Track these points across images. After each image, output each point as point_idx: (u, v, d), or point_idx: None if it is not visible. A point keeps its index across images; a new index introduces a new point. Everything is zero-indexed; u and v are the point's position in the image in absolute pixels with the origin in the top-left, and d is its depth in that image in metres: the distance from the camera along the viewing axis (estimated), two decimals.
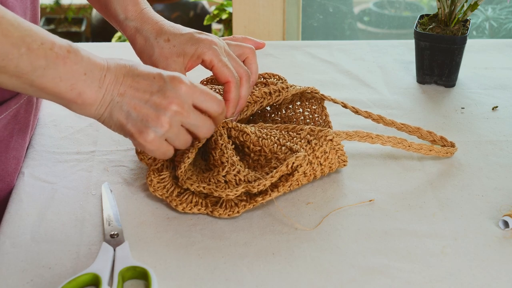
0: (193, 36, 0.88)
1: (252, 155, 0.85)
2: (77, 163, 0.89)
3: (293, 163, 0.80)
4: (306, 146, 0.83)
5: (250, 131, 0.85)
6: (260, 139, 0.85)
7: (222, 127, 0.85)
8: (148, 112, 0.74)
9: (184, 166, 0.80)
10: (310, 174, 0.83)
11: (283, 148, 0.83)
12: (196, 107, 0.77)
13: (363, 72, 1.16)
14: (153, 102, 0.74)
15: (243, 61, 0.93)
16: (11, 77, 0.69)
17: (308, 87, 0.92)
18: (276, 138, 0.85)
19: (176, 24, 0.90)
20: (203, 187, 0.79)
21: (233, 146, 0.84)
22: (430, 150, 0.90)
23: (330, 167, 0.85)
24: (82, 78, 0.72)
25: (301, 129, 0.85)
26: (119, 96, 0.74)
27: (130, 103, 0.74)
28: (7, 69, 0.68)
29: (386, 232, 0.78)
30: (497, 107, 1.05)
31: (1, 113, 0.84)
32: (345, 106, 0.92)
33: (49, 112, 1.01)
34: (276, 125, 0.88)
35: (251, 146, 0.84)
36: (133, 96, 0.74)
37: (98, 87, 0.73)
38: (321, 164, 0.84)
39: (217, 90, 0.92)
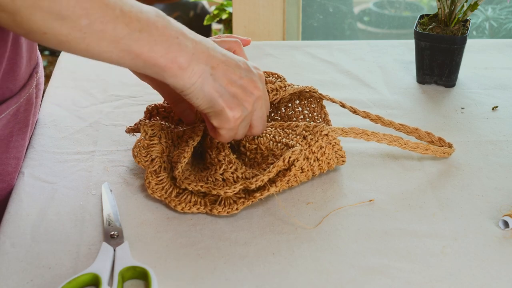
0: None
1: (248, 153, 0.85)
2: (77, 163, 0.89)
3: (290, 157, 0.80)
4: (302, 141, 0.83)
5: None
6: (256, 137, 0.85)
7: None
8: (237, 91, 0.75)
9: (181, 166, 0.80)
10: (308, 170, 0.83)
11: (279, 144, 0.84)
12: None
13: (363, 72, 1.16)
14: (242, 84, 0.75)
15: None
16: (109, 44, 0.67)
17: (307, 87, 0.92)
18: (272, 135, 0.85)
19: None
20: (201, 186, 0.79)
21: (229, 145, 0.84)
22: (427, 150, 0.90)
23: (328, 163, 0.85)
24: (176, 41, 0.71)
25: (296, 126, 0.86)
26: (211, 68, 0.74)
27: (223, 79, 0.74)
28: (105, 34, 0.67)
29: (386, 232, 0.78)
30: (497, 107, 1.05)
31: (1, 113, 0.84)
32: (343, 105, 0.92)
33: (49, 112, 1.01)
34: (271, 123, 0.88)
35: (247, 144, 0.85)
36: (225, 73, 0.75)
37: (192, 53, 0.72)
38: (318, 160, 0.84)
39: None
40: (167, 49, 0.70)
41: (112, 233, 0.76)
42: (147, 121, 0.87)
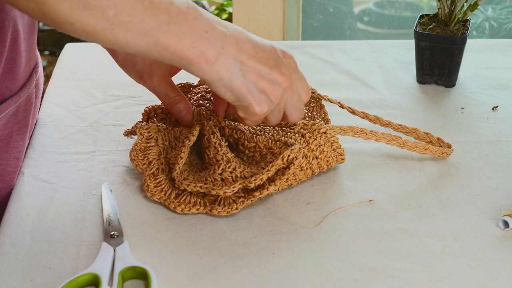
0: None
1: (246, 151, 0.85)
2: (77, 163, 0.89)
3: (289, 155, 0.80)
4: (300, 139, 0.83)
5: (244, 128, 0.85)
6: (254, 135, 0.85)
7: (215, 125, 0.85)
8: (265, 86, 0.75)
9: (179, 167, 0.80)
10: (307, 168, 0.83)
11: (278, 143, 0.84)
12: None
13: (363, 72, 1.16)
14: (270, 77, 0.75)
15: None
16: (137, 36, 0.67)
17: None
18: (270, 134, 0.85)
19: None
20: (200, 187, 0.79)
21: (227, 143, 0.84)
22: (425, 149, 0.90)
23: (327, 161, 0.85)
24: (205, 36, 0.70)
25: (295, 124, 0.86)
26: (240, 63, 0.73)
27: (252, 74, 0.74)
28: (133, 26, 0.67)
29: (386, 232, 0.78)
30: (497, 107, 1.05)
31: (0, 113, 0.84)
32: (341, 106, 0.92)
33: (49, 112, 1.01)
34: None
35: (246, 142, 0.85)
36: (254, 67, 0.74)
37: (221, 47, 0.72)
38: (317, 158, 0.84)
39: (209, 95, 0.92)
40: (195, 42, 0.70)
41: (112, 233, 0.76)
42: (143, 123, 0.87)
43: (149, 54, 0.70)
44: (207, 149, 0.83)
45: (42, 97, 1.05)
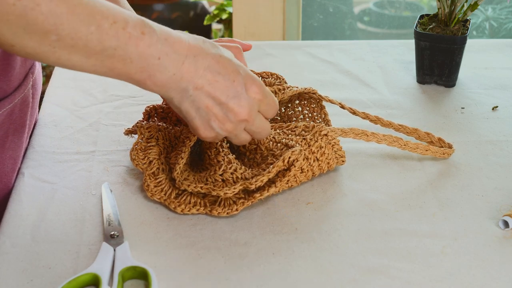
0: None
1: (247, 153, 0.85)
2: (77, 163, 0.89)
3: (290, 157, 0.80)
4: (301, 142, 0.83)
5: None
6: None
7: None
8: (218, 114, 0.73)
9: (179, 167, 0.80)
10: (307, 170, 0.83)
11: (279, 144, 0.84)
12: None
13: (363, 72, 1.16)
14: (226, 107, 0.73)
15: None
16: (82, 57, 0.66)
17: (306, 88, 0.92)
18: (271, 135, 0.85)
19: None
20: (201, 187, 0.79)
21: (228, 144, 0.84)
22: (427, 150, 0.90)
23: (328, 163, 0.85)
24: (155, 62, 0.69)
25: (296, 126, 0.86)
26: (194, 89, 0.72)
27: (204, 101, 0.72)
28: (77, 48, 0.65)
29: (386, 232, 0.78)
30: (497, 107, 1.05)
31: None
32: (342, 106, 0.92)
33: (49, 112, 1.01)
34: (271, 124, 0.88)
35: (247, 144, 0.84)
36: (209, 95, 0.72)
37: (173, 73, 0.70)
38: (317, 160, 0.84)
39: None
40: (143, 68, 0.69)
41: (112, 233, 0.76)
42: (144, 123, 0.87)
43: (96, 72, 0.69)
44: (208, 149, 0.83)
45: (42, 97, 1.05)
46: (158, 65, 0.69)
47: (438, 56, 1.09)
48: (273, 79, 0.95)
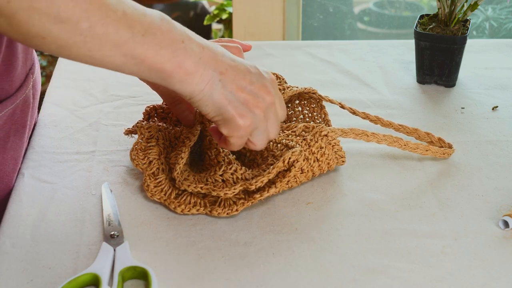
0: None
1: (248, 154, 0.85)
2: (77, 163, 0.89)
3: (290, 158, 0.80)
4: (301, 142, 0.83)
5: None
6: None
7: None
8: (247, 97, 0.72)
9: (179, 167, 0.80)
10: (308, 171, 0.83)
11: (279, 145, 0.84)
12: None
13: (363, 72, 1.16)
14: (252, 88, 0.73)
15: None
16: (112, 49, 0.65)
17: (306, 88, 0.92)
18: None
19: None
20: (201, 187, 0.79)
21: None
22: (427, 150, 0.90)
23: (328, 163, 0.85)
24: (181, 45, 0.69)
25: (296, 127, 0.86)
26: (220, 74, 0.71)
27: (232, 85, 0.72)
28: (107, 38, 0.64)
29: (386, 232, 0.78)
30: (497, 107, 1.05)
31: None
32: (342, 106, 0.92)
33: (49, 112, 1.01)
34: None
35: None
36: (235, 78, 0.72)
37: (199, 58, 0.70)
38: (318, 160, 0.84)
39: None
40: (173, 53, 0.68)
41: (112, 233, 0.76)
42: (144, 123, 0.87)
43: (126, 68, 0.68)
44: (208, 150, 0.83)
45: (42, 97, 1.05)
46: (184, 48, 0.69)
47: (438, 56, 1.09)
48: None
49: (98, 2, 0.64)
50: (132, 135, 0.91)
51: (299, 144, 0.83)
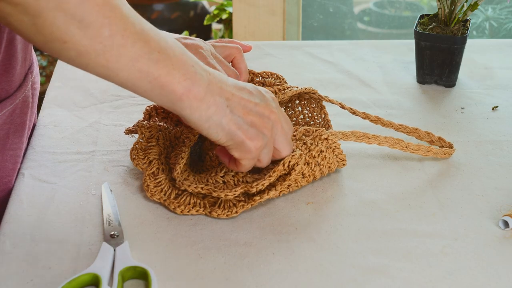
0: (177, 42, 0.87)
1: None
2: (77, 163, 0.89)
3: (290, 161, 0.80)
4: (302, 146, 0.83)
5: None
6: None
7: None
8: (254, 119, 0.74)
9: (180, 167, 0.80)
10: (309, 175, 0.83)
11: None
12: None
13: (363, 72, 1.16)
14: (258, 109, 0.74)
15: (231, 62, 0.93)
16: (129, 62, 0.66)
17: (306, 88, 0.92)
18: None
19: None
20: (201, 188, 0.79)
21: None
22: (428, 151, 0.90)
23: (329, 167, 0.85)
24: (192, 69, 0.70)
25: (296, 131, 0.86)
26: (227, 100, 0.72)
27: (239, 109, 0.73)
28: (126, 49, 0.65)
29: (386, 232, 0.78)
30: (497, 107, 1.05)
31: None
32: (342, 107, 0.92)
33: (49, 112, 1.01)
34: None
35: None
36: (240, 102, 0.73)
37: (207, 84, 0.71)
38: (319, 164, 0.84)
39: None
40: (183, 76, 0.69)
41: (112, 233, 0.76)
42: (145, 122, 0.87)
43: (138, 85, 0.68)
44: (209, 151, 0.83)
45: (42, 97, 1.05)
46: (194, 72, 0.70)
47: (438, 56, 1.09)
48: (273, 79, 0.95)
49: (119, 11, 0.65)
50: (133, 134, 0.91)
51: (299, 149, 0.83)
